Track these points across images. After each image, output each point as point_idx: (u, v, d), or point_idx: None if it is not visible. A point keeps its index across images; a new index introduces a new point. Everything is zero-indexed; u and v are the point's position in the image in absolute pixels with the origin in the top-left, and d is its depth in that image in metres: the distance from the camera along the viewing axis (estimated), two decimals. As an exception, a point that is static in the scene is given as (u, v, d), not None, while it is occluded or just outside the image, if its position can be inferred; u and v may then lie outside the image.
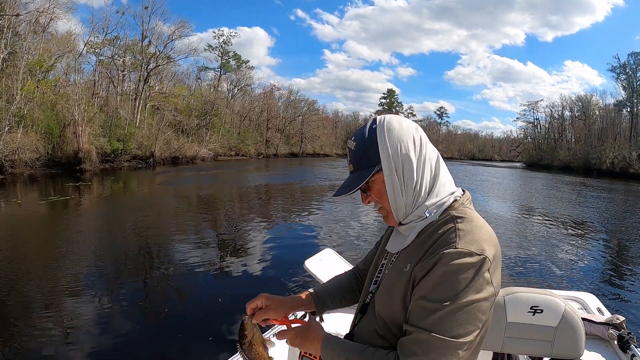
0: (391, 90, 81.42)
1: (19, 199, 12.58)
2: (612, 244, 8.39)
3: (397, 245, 0.90)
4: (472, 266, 0.74)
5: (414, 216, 0.86)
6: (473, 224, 0.80)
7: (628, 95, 45.34)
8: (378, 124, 0.86)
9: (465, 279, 0.74)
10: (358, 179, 0.86)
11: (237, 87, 52.67)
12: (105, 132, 25.56)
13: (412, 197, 0.85)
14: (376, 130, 0.85)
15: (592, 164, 41.26)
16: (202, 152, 35.74)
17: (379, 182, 0.86)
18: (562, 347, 1.20)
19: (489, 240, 0.79)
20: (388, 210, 0.88)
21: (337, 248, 4.79)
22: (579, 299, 2.21)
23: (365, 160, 0.85)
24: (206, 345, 3.44)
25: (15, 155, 18.31)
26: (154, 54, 35.53)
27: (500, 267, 0.81)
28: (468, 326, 0.74)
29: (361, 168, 0.86)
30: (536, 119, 62.34)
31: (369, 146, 0.85)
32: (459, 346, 0.73)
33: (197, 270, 5.41)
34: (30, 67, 21.93)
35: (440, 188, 0.86)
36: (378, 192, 0.87)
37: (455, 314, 0.73)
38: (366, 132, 0.86)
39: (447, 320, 0.73)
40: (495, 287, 0.78)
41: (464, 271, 0.74)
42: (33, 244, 6.98)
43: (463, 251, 0.75)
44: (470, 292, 0.74)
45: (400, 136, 0.84)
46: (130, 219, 9.42)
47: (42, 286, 4.72)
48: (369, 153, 0.85)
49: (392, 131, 0.84)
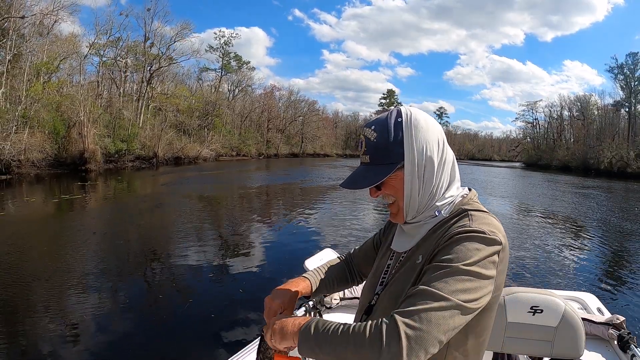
0: (391, 90, 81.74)
1: (31, 197, 12.88)
2: (612, 244, 8.33)
3: (404, 244, 0.88)
4: (483, 241, 0.74)
5: (424, 216, 0.85)
6: (486, 214, 0.81)
7: (626, 95, 45.64)
8: (404, 118, 0.81)
9: (475, 250, 0.73)
10: (377, 174, 0.81)
11: (238, 88, 53.03)
12: (109, 132, 25.83)
13: (427, 198, 0.83)
14: (402, 125, 0.80)
15: (590, 163, 41.43)
16: (204, 152, 35.99)
17: (397, 180, 0.82)
18: (562, 347, 1.20)
19: (500, 229, 0.78)
20: (400, 208, 0.85)
21: (337, 248, 4.78)
22: (579, 299, 2.19)
23: (387, 155, 0.81)
24: (206, 345, 3.44)
25: (22, 156, 18.61)
26: (156, 55, 35.85)
27: (506, 265, 0.79)
28: (468, 290, 0.70)
29: (380, 163, 0.82)
30: (535, 119, 62.60)
31: (393, 141, 0.80)
32: (452, 305, 0.69)
33: (198, 270, 5.46)
34: (37, 68, 22.22)
35: (453, 190, 0.85)
36: (394, 189, 0.84)
37: (457, 275, 0.71)
38: (391, 125, 0.81)
39: (448, 279, 0.70)
40: (498, 274, 0.75)
41: (475, 243, 0.73)
42: (44, 241, 7.16)
43: (476, 229, 0.75)
44: (478, 264, 0.72)
45: (427, 137, 0.81)
46: (136, 219, 9.59)
47: (48, 283, 4.81)
48: (393, 148, 0.80)
49: (419, 130, 0.81)
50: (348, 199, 12.44)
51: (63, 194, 13.23)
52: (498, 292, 0.80)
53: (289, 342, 0.78)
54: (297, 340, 0.76)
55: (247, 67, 54.20)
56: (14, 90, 20.29)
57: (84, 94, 23.93)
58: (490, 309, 0.80)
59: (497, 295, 0.80)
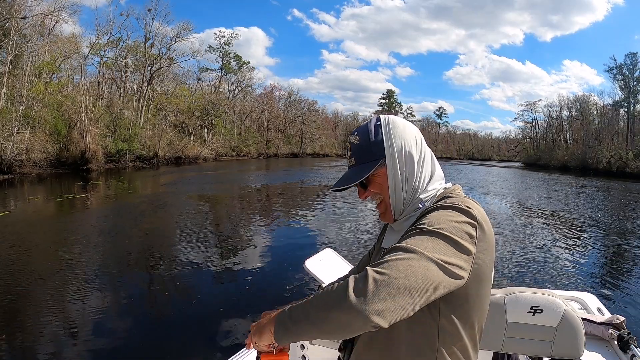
0: (390, 90, 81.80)
1: (35, 197, 13.03)
2: (612, 244, 8.34)
3: (393, 241, 0.90)
4: (456, 210, 0.78)
5: (409, 210, 0.90)
6: (466, 198, 0.86)
7: (625, 95, 45.81)
8: (383, 121, 0.90)
9: (447, 216, 0.77)
10: (361, 171, 0.89)
11: (238, 88, 53.17)
12: (110, 132, 25.94)
13: (411, 192, 0.89)
14: (381, 127, 0.89)
15: (589, 163, 41.56)
16: (205, 152, 36.14)
17: (381, 176, 0.89)
18: (562, 347, 1.20)
19: (480, 212, 0.81)
20: (387, 205, 0.91)
21: (338, 248, 4.78)
22: (579, 299, 2.18)
23: (369, 154, 0.89)
24: (206, 345, 3.46)
25: (23, 155, 18.74)
26: (157, 55, 35.98)
27: (490, 248, 0.80)
28: (439, 249, 0.72)
29: (364, 162, 0.89)
30: (534, 119, 62.74)
31: (374, 141, 0.88)
32: (422, 257, 0.70)
33: (198, 270, 5.50)
34: (39, 68, 22.33)
35: (434, 184, 0.91)
36: (379, 186, 0.90)
37: (429, 235, 0.74)
38: (371, 128, 0.90)
39: (420, 237, 0.74)
40: (478, 252, 0.77)
41: (448, 211, 0.79)
42: (47, 240, 7.26)
43: (451, 204, 0.80)
44: (450, 229, 0.74)
45: (404, 135, 0.89)
46: (138, 219, 9.70)
47: (51, 281, 4.87)
48: (374, 147, 0.88)
49: (397, 130, 0.89)
50: (348, 199, 12.51)
51: (65, 194, 13.35)
52: (485, 279, 0.80)
53: (268, 336, 0.80)
54: (274, 329, 0.77)
55: (247, 67, 54.41)
56: (15, 90, 20.39)
57: (85, 94, 24.02)
58: (479, 299, 0.81)
59: (485, 283, 0.81)
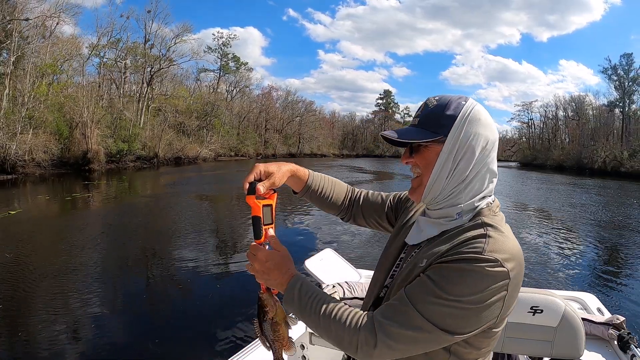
0: (388, 90, 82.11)
1: (43, 196, 13.29)
2: (610, 243, 8.33)
3: (416, 237, 0.87)
4: (493, 277, 0.70)
5: (444, 212, 0.82)
6: (504, 235, 0.76)
7: (620, 95, 46.31)
8: (468, 104, 0.81)
9: (478, 286, 0.70)
10: (418, 134, 0.81)
11: (236, 89, 53.44)
12: (111, 133, 26.15)
13: (452, 187, 0.81)
14: (463, 107, 0.80)
15: (584, 163, 41.93)
16: (204, 152, 36.41)
17: (432, 153, 0.81)
18: (562, 347, 1.20)
19: (516, 256, 0.74)
20: (423, 184, 0.83)
21: (338, 248, 4.86)
22: (579, 299, 2.18)
23: (436, 123, 0.80)
24: (207, 345, 3.47)
25: (27, 156, 18.97)
26: (157, 56, 36.23)
27: (519, 287, 0.76)
28: (460, 323, 0.70)
29: (427, 128, 0.81)
30: (530, 119, 63.20)
31: (447, 115, 0.80)
32: (431, 334, 0.70)
33: (198, 270, 5.54)
34: (41, 70, 22.56)
35: (481, 201, 0.82)
36: (425, 161, 0.82)
37: (447, 308, 0.69)
38: (453, 102, 0.81)
39: (442, 308, 0.70)
40: (504, 308, 0.73)
41: (482, 278, 0.70)
42: (52, 239, 7.46)
43: (489, 258, 0.70)
44: (476, 301, 0.69)
45: (479, 130, 0.80)
46: (138, 218, 9.88)
47: (53, 280, 4.93)
48: (444, 120, 0.80)
49: (475, 120, 0.80)
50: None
51: (68, 194, 13.59)
52: (501, 323, 0.78)
53: (275, 286, 0.87)
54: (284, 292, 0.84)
55: (245, 68, 54.71)
56: (17, 91, 20.63)
57: (87, 95, 24.27)
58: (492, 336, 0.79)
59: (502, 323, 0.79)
